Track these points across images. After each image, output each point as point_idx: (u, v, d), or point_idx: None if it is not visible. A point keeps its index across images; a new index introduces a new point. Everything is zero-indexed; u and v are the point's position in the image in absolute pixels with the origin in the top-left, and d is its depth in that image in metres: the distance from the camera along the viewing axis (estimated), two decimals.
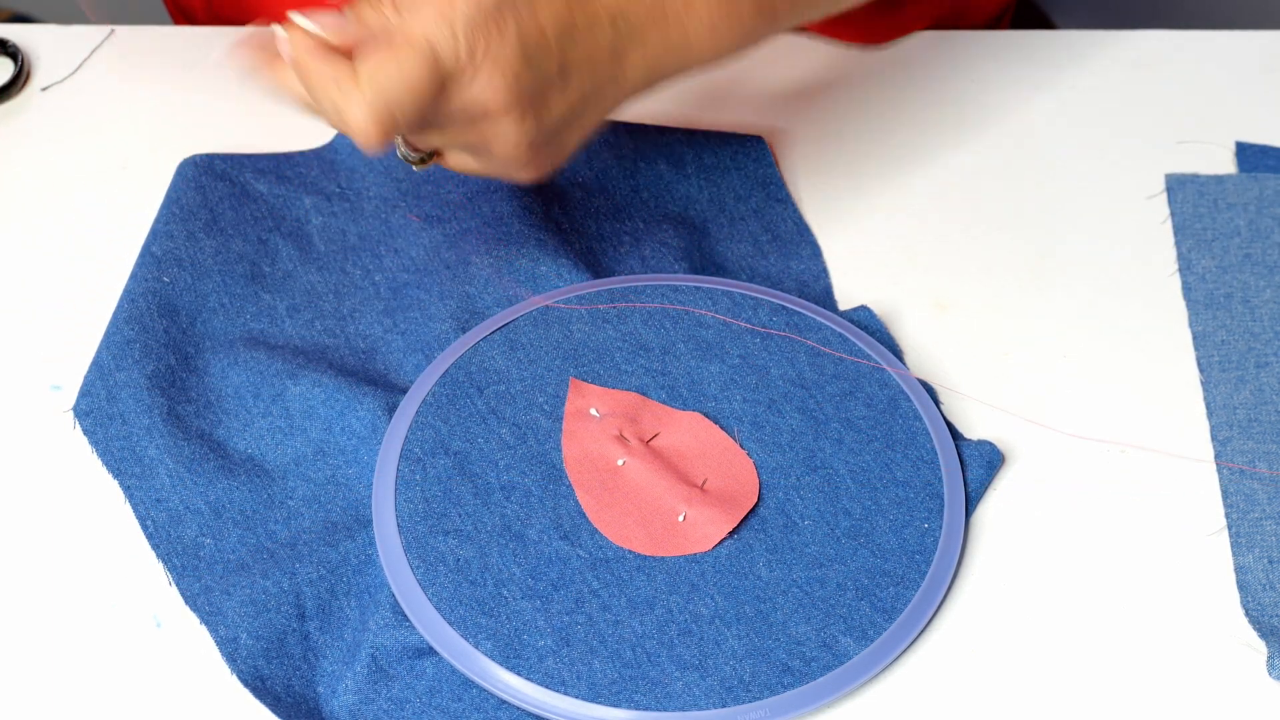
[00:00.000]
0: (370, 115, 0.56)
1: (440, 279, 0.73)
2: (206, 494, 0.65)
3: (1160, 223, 0.77)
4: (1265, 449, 0.66)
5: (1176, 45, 0.86)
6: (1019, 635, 0.61)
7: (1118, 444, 0.67)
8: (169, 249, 0.73)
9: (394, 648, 0.60)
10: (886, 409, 0.67)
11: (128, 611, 0.62)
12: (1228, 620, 0.61)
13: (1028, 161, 0.80)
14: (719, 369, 0.68)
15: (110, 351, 0.69)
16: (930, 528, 0.63)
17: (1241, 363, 0.70)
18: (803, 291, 0.73)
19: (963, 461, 0.65)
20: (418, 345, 0.71)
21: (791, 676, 0.59)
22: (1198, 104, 0.82)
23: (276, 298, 0.73)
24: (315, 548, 0.63)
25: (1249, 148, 0.79)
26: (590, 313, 0.70)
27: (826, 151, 0.80)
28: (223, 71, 0.55)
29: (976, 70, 0.85)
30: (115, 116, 0.83)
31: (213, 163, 0.77)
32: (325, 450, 0.67)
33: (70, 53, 0.86)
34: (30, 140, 0.82)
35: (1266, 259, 0.74)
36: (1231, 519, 0.64)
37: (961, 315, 0.73)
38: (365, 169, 0.78)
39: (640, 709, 0.58)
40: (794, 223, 0.77)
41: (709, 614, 0.60)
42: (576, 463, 0.65)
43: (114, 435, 0.67)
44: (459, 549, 0.62)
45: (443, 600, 0.61)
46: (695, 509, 0.63)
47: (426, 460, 0.65)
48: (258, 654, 0.60)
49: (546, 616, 0.60)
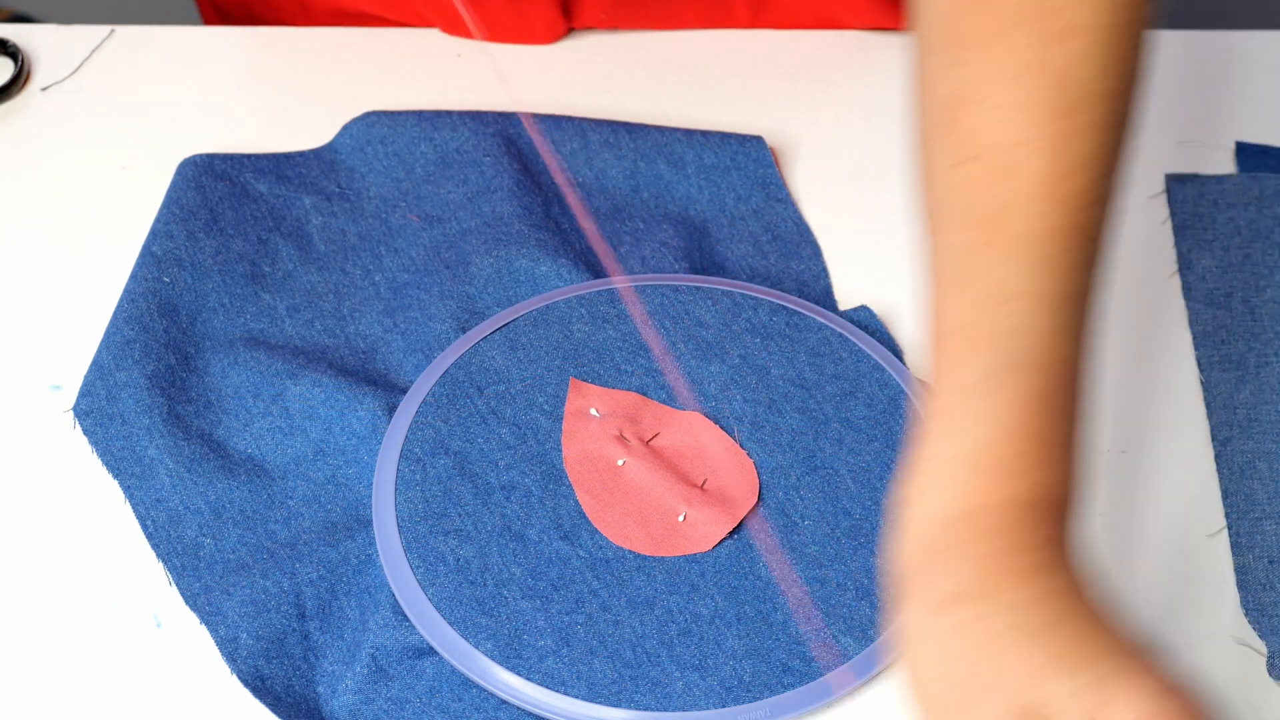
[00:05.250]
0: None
1: (440, 279, 0.73)
2: (206, 494, 0.65)
3: (1160, 223, 0.77)
4: (1265, 449, 0.66)
5: (1176, 45, 0.86)
6: None
7: (1118, 444, 0.67)
8: (169, 249, 0.73)
9: (394, 648, 0.60)
10: (886, 409, 0.67)
11: (128, 611, 0.62)
12: (1228, 620, 0.61)
13: None
14: (719, 369, 0.68)
15: (110, 351, 0.69)
16: None
17: (1241, 362, 0.70)
18: (803, 291, 0.73)
19: None
20: (418, 345, 0.71)
21: (791, 676, 0.59)
22: (1198, 104, 0.82)
23: (276, 298, 0.73)
24: (315, 548, 0.63)
25: (1249, 148, 0.79)
26: (590, 313, 0.70)
27: (826, 151, 0.80)
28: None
29: None
30: (115, 116, 0.83)
31: (213, 163, 0.77)
32: (325, 450, 0.67)
33: (70, 53, 0.86)
34: (30, 140, 0.82)
35: (1266, 259, 0.74)
36: (1231, 519, 0.64)
37: None
38: (365, 169, 0.78)
39: (640, 709, 0.58)
40: (794, 223, 0.77)
41: (709, 614, 0.60)
42: (576, 463, 0.65)
43: (114, 435, 0.67)
44: (459, 549, 0.62)
45: (443, 600, 0.61)
46: (695, 509, 0.63)
47: (426, 460, 0.65)
48: (258, 654, 0.60)
49: (546, 616, 0.60)
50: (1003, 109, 0.51)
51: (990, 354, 0.50)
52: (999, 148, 0.51)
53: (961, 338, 0.51)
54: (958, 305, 0.52)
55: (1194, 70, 0.84)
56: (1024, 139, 0.51)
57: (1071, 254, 0.52)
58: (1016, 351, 0.50)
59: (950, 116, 0.53)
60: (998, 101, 0.51)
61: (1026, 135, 0.51)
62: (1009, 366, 0.50)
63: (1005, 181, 0.51)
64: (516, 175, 0.76)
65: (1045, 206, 0.51)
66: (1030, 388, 0.50)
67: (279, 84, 0.85)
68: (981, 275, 0.51)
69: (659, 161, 0.78)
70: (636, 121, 0.80)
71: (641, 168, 0.78)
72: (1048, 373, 0.50)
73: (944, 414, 0.50)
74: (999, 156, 0.51)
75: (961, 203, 0.52)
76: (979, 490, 0.48)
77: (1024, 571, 0.47)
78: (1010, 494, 0.48)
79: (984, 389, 0.50)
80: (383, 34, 0.88)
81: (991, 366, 0.50)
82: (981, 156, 0.52)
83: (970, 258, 0.52)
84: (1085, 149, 0.51)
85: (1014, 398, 0.49)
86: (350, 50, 0.87)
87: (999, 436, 0.49)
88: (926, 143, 0.55)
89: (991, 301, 0.51)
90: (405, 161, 0.79)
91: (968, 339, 0.51)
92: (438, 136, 0.79)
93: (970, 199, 0.52)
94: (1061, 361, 0.51)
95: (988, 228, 0.51)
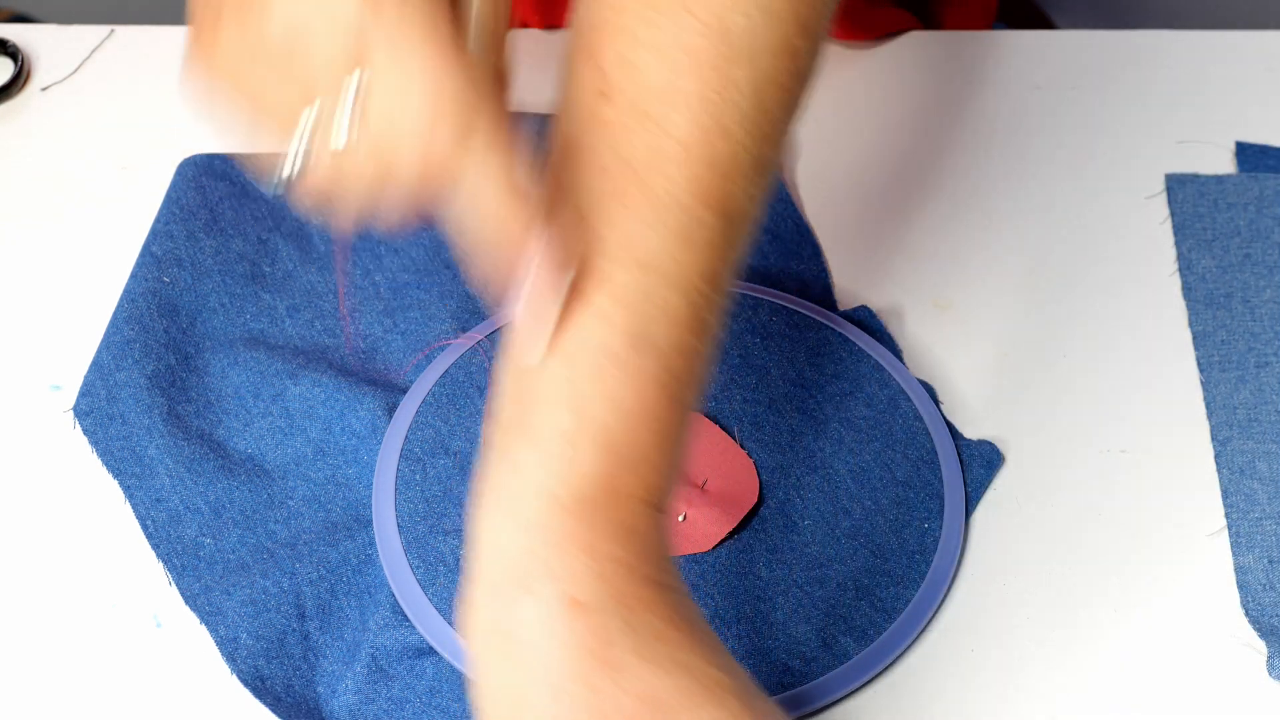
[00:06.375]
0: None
1: (440, 279, 0.73)
2: (206, 494, 0.65)
3: (1160, 223, 0.77)
4: (1265, 449, 0.66)
5: (1176, 45, 0.86)
6: (1018, 635, 0.61)
7: (1118, 444, 0.67)
8: (169, 249, 0.73)
9: (394, 648, 0.60)
10: (886, 409, 0.67)
11: (128, 611, 0.62)
12: (1228, 620, 0.61)
13: (1027, 161, 0.80)
14: (719, 369, 0.68)
15: (110, 351, 0.69)
16: (930, 528, 0.63)
17: (1241, 362, 0.70)
18: (803, 291, 0.73)
19: (963, 461, 0.65)
20: (418, 345, 0.71)
21: (791, 676, 0.59)
22: (1198, 104, 0.82)
23: (276, 298, 0.73)
24: (315, 548, 0.63)
25: (1249, 148, 0.79)
26: None
27: (826, 152, 0.80)
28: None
29: (976, 70, 0.85)
30: (115, 116, 0.83)
31: (213, 163, 0.77)
32: (325, 450, 0.67)
33: (70, 53, 0.86)
34: (30, 140, 0.82)
35: (1266, 259, 0.74)
36: (1231, 519, 0.64)
37: (961, 315, 0.73)
38: None
39: None
40: (794, 223, 0.77)
41: (709, 614, 0.60)
42: None
43: (114, 435, 0.67)
44: (459, 549, 0.62)
45: (443, 600, 0.61)
46: (695, 509, 0.63)
47: (426, 460, 0.65)
48: (258, 654, 0.60)
49: None
50: (648, 48, 0.46)
51: (629, 320, 0.45)
52: (646, 91, 0.46)
53: (606, 287, 0.45)
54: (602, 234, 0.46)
55: (1194, 70, 0.84)
56: (671, 87, 0.46)
57: (711, 229, 0.47)
58: (654, 327, 0.45)
59: (590, 41, 0.48)
60: (641, 37, 0.46)
61: (671, 83, 0.46)
62: (643, 341, 0.45)
63: (649, 131, 0.46)
64: None
65: (688, 170, 0.46)
66: (664, 370, 0.45)
67: None
68: (624, 228, 0.46)
69: None
70: None
71: None
72: (678, 358, 0.46)
73: (564, 378, 0.45)
74: (645, 101, 0.46)
75: (604, 141, 0.47)
76: (604, 475, 0.44)
77: (645, 586, 0.44)
78: (635, 487, 0.45)
79: (621, 360, 0.45)
80: None
81: (629, 335, 0.45)
82: (625, 95, 0.46)
83: (614, 203, 0.46)
84: (738, 110, 0.46)
85: (652, 378, 0.45)
86: None
87: (632, 419, 0.45)
88: (573, 60, 0.49)
89: (635, 263, 0.46)
90: None
91: (600, 296, 0.45)
92: None
93: (614, 139, 0.46)
94: (690, 351, 0.46)
95: (628, 177, 0.46)
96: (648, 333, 0.45)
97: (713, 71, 0.46)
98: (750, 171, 0.48)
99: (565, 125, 0.48)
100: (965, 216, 0.77)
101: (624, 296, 0.45)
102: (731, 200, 0.47)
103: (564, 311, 0.46)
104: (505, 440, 0.46)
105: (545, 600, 0.43)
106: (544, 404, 0.45)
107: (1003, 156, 0.80)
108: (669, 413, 0.46)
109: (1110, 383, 0.70)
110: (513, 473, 0.45)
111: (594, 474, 0.44)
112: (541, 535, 0.44)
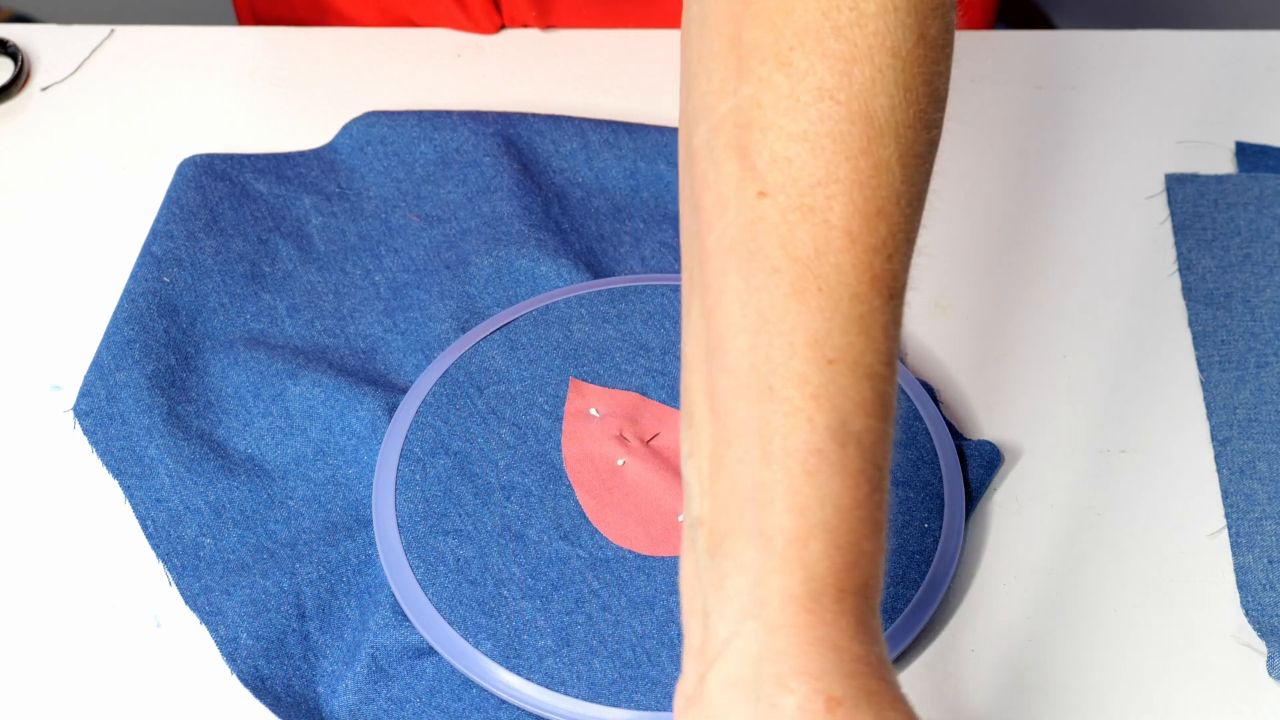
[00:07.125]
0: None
1: (440, 279, 0.73)
2: (206, 494, 0.65)
3: (1160, 223, 0.77)
4: (1265, 449, 0.66)
5: (1176, 45, 0.86)
6: (1019, 635, 0.61)
7: (1118, 444, 0.67)
8: (169, 249, 0.73)
9: (394, 648, 0.60)
10: None
11: (128, 611, 0.62)
12: (1228, 620, 0.61)
13: (1027, 161, 0.80)
14: None
15: (110, 351, 0.69)
16: (930, 528, 0.63)
17: (1241, 362, 0.70)
18: None
19: (963, 461, 0.65)
20: (418, 345, 0.71)
21: None
22: (1198, 104, 0.82)
23: (276, 298, 0.73)
24: (315, 548, 0.63)
25: (1249, 148, 0.79)
26: (590, 313, 0.70)
27: None
28: None
29: (976, 70, 0.85)
30: (115, 116, 0.83)
31: (213, 163, 0.77)
32: (325, 450, 0.67)
33: (70, 53, 0.86)
34: (30, 140, 0.82)
35: (1266, 259, 0.74)
36: (1231, 519, 0.64)
37: (961, 315, 0.73)
38: (365, 169, 0.79)
39: (640, 709, 0.58)
40: None
41: None
42: (576, 463, 0.65)
43: (114, 435, 0.67)
44: (459, 549, 0.62)
45: (443, 600, 0.61)
46: None
47: (426, 460, 0.65)
48: (258, 654, 0.60)
49: (546, 616, 0.60)
50: (799, 140, 0.47)
51: (829, 416, 0.45)
52: (805, 185, 0.46)
53: (783, 392, 0.46)
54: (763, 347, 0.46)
55: (1194, 70, 0.84)
56: (826, 177, 0.46)
57: (882, 312, 0.47)
58: (851, 419, 0.46)
59: (738, 139, 0.47)
60: (792, 130, 0.47)
61: (829, 173, 0.46)
62: (845, 435, 0.46)
63: (813, 224, 0.46)
64: (516, 175, 0.76)
65: (855, 257, 0.47)
66: (867, 462, 0.46)
67: (279, 84, 0.85)
68: (809, 326, 0.46)
69: (659, 161, 0.78)
70: (636, 121, 0.80)
71: (641, 168, 0.78)
72: (876, 446, 0.46)
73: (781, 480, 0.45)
74: (806, 195, 0.46)
75: (772, 240, 0.47)
76: (833, 573, 0.45)
77: (882, 681, 0.45)
78: (857, 581, 0.45)
79: (829, 457, 0.45)
80: (383, 34, 0.88)
81: (830, 430, 0.45)
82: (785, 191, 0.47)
83: (795, 303, 0.46)
84: (891, 189, 0.47)
85: (858, 470, 0.45)
86: (350, 50, 0.87)
87: (848, 515, 0.45)
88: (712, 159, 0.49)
89: (824, 360, 0.46)
90: (405, 161, 0.79)
91: (797, 396, 0.46)
92: (438, 136, 0.79)
93: (781, 237, 0.47)
94: (883, 436, 0.47)
95: (802, 275, 0.46)
96: (846, 425, 0.46)
97: (863, 156, 0.47)
98: (905, 246, 0.49)
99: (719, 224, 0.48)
100: (965, 216, 0.77)
101: (819, 394, 0.46)
102: (896, 280, 0.48)
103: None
104: (716, 541, 0.46)
105: (806, 698, 0.44)
106: (760, 506, 0.46)
107: (1003, 156, 0.80)
108: (874, 502, 0.47)
109: (1110, 383, 0.70)
110: (738, 573, 0.45)
111: (825, 572, 0.45)
112: (790, 635, 0.44)
